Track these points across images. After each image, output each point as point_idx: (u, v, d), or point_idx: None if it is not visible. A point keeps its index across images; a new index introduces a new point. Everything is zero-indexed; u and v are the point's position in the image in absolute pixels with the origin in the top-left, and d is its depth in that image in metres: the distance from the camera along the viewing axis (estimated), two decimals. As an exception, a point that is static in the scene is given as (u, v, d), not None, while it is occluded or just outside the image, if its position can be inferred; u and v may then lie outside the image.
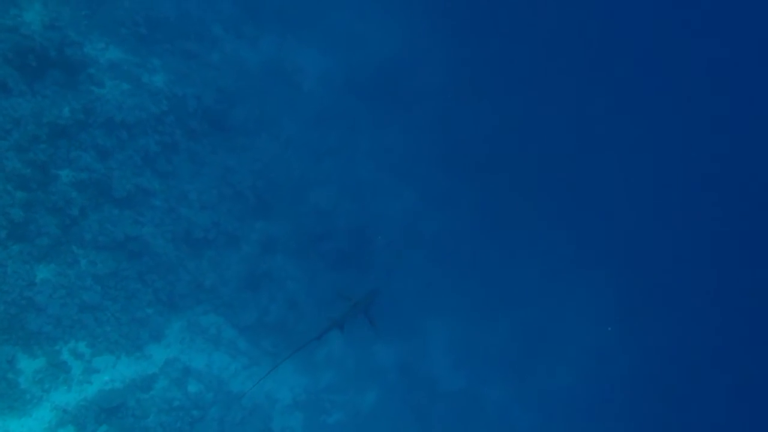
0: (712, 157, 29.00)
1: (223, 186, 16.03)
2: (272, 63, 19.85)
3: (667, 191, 27.53)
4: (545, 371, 20.07)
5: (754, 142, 29.97)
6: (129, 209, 14.00)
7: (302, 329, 16.16)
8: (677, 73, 30.40)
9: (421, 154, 20.72)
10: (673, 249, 26.04)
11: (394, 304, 18.17)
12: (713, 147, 29.11)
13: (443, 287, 19.13)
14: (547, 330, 20.62)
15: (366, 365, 17.07)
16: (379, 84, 21.20)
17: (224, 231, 15.64)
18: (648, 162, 27.57)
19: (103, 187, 13.52)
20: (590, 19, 28.76)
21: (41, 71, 13.03)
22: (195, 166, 15.76)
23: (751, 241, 27.98)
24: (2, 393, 11.18)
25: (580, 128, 25.77)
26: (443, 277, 19.21)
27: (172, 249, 14.58)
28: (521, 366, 19.76)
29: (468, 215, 20.64)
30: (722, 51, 31.86)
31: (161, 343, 13.82)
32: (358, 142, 20.02)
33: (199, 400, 13.58)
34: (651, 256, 25.08)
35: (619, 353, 21.23)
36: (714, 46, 31.57)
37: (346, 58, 21.53)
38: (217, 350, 14.68)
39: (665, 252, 25.51)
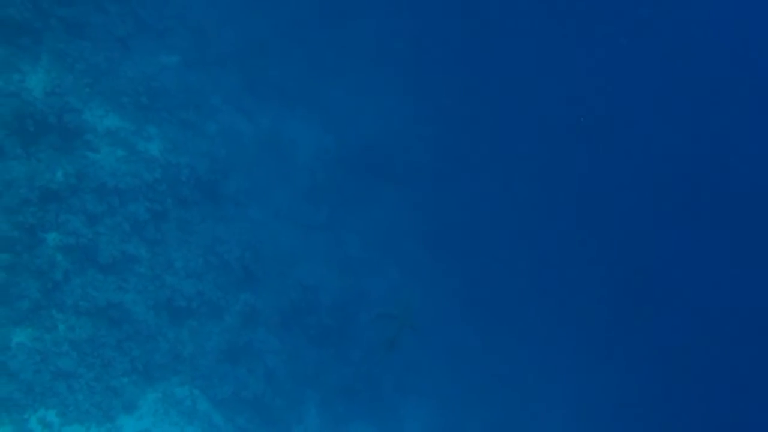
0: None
1: (210, 255, 16.04)
2: (267, 136, 20.21)
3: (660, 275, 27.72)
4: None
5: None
6: (113, 275, 13.94)
7: (279, 404, 15.92)
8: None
9: (407, 233, 20.94)
10: (664, 336, 26.03)
11: (374, 383, 18.05)
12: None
13: (424, 369, 18.97)
14: (525, 419, 20.40)
15: (342, 446, 16.74)
16: (369, 161, 21.61)
17: (207, 301, 15.55)
18: (639, 241, 27.85)
19: (89, 252, 13.51)
20: (571, 99, 29.52)
21: (38, 136, 13.22)
22: (183, 235, 15.80)
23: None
24: (-36, 461, 10.86)
25: (564, 212, 26.13)
26: (424, 358, 19.08)
27: (153, 317, 14.44)
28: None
29: (451, 297, 20.71)
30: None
31: (134, 414, 13.50)
32: (346, 218, 20.21)
33: (168, 477, 13.20)
34: (637, 345, 25.01)
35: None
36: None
37: (340, 135, 21.98)
38: (190, 424, 14.34)
39: (654, 344, 25.47)
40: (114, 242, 13.96)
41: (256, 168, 18.63)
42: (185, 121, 17.43)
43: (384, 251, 20.33)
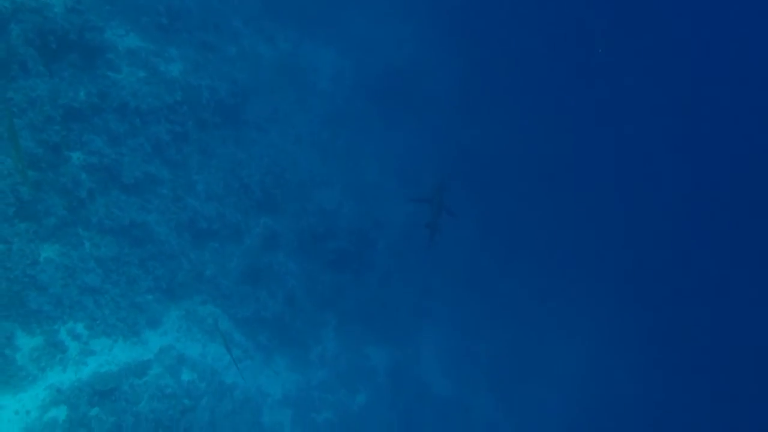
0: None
1: (230, 178, 16.19)
2: (288, 60, 20.01)
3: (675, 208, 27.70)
4: (533, 387, 20.26)
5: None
6: (136, 195, 14.13)
7: (298, 326, 16.34)
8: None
9: (426, 161, 20.88)
10: (674, 275, 26.17)
11: (391, 307, 18.41)
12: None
13: (440, 294, 19.29)
14: (538, 347, 20.82)
15: (358, 366, 17.21)
16: (390, 89, 21.39)
17: (228, 223, 15.79)
18: (653, 182, 27.75)
19: (113, 171, 13.66)
20: (601, 36, 28.89)
21: (60, 54, 13.17)
22: (204, 158, 15.90)
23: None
24: (-1, 368, 11.34)
25: (588, 143, 25.92)
26: (441, 284, 19.37)
27: (176, 237, 14.71)
28: (510, 380, 19.92)
29: (469, 225, 20.79)
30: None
31: (158, 330, 13.95)
32: (365, 145, 20.19)
33: (192, 389, 13.71)
34: (648, 281, 25.18)
35: (605, 376, 21.44)
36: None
37: (361, 61, 21.72)
38: (212, 341, 14.79)
39: (664, 278, 25.61)
40: (136, 163, 14.09)
41: (276, 92, 18.54)
42: (206, 43, 17.26)
43: (402, 178, 20.36)
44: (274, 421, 15.12)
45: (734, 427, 23.96)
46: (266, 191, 16.66)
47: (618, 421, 21.58)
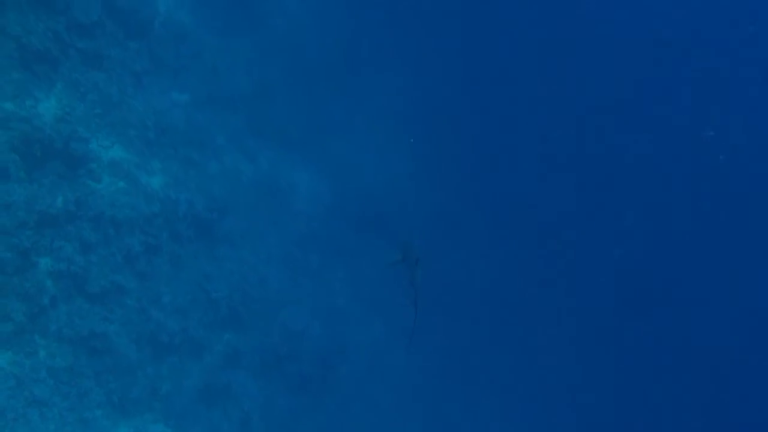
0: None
1: (198, 293, 16.10)
2: (267, 179, 20.45)
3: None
4: None
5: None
6: (100, 305, 13.95)
7: (249, 450, 15.78)
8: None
9: (395, 290, 20.97)
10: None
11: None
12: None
13: (398, 424, 18.87)
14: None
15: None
16: (365, 214, 21.80)
17: (190, 338, 15.56)
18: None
19: (79, 280, 13.56)
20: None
21: (44, 161, 13.41)
22: (174, 270, 15.87)
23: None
24: (-73, 482, 10.69)
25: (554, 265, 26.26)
26: (402, 415, 18.99)
27: (135, 351, 14.40)
28: None
29: (434, 359, 20.69)
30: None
31: (103, 448, 13.36)
32: (336, 268, 20.33)
33: None
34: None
35: None
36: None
37: (338, 186, 22.23)
38: (158, 463, 14.18)
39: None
40: (105, 273, 14.02)
41: (252, 210, 18.82)
42: (189, 159, 17.66)
43: (371, 305, 20.39)
44: None
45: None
46: (233, 308, 16.57)
47: None
